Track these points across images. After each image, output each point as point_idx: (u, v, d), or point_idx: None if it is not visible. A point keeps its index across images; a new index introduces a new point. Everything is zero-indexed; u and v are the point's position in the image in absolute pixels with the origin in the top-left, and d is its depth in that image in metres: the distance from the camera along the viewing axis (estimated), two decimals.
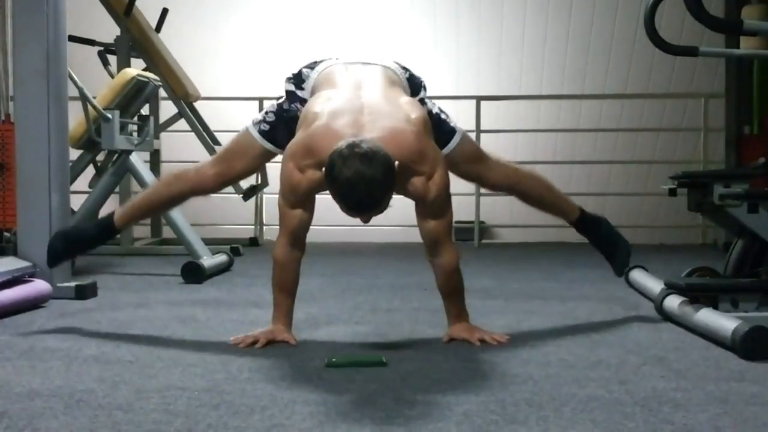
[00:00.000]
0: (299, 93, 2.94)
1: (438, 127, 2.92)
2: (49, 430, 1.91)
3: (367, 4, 8.85)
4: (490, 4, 8.77)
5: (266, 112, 3.00)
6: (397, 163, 2.53)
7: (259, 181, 6.19)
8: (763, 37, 4.29)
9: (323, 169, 2.55)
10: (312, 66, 2.99)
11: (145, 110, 5.94)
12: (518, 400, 2.15)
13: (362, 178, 2.43)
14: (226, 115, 7.63)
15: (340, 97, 2.77)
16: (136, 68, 5.78)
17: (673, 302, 3.22)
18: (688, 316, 3.06)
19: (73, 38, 5.22)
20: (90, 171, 5.53)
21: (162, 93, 6.33)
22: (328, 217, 3.54)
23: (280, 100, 3.01)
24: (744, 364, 2.56)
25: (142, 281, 4.61)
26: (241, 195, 5.99)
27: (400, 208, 3.07)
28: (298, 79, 2.97)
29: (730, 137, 6.94)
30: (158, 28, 6.45)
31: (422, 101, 2.96)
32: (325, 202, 2.84)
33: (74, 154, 5.10)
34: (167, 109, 6.51)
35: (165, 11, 6.51)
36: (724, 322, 2.78)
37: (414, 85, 2.98)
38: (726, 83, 7.13)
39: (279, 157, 3.02)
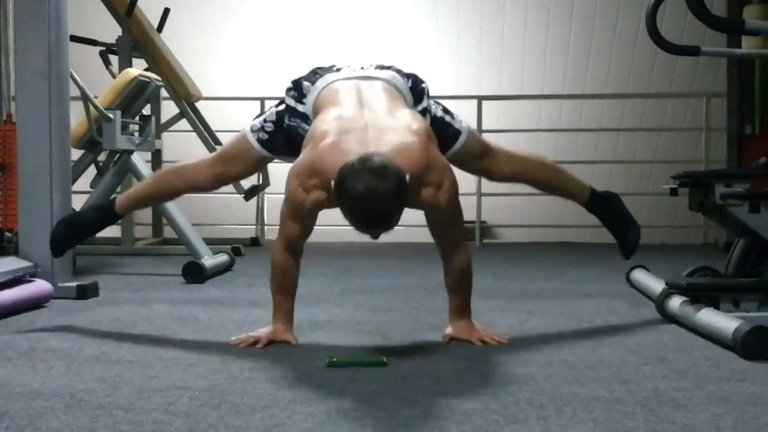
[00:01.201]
0: (300, 108, 2.90)
1: (443, 131, 2.92)
2: (50, 430, 1.91)
3: (369, 4, 8.85)
4: (492, 4, 8.77)
5: (265, 120, 2.97)
6: (408, 176, 2.51)
7: (261, 181, 6.20)
8: (764, 36, 4.27)
9: (331, 184, 2.53)
10: (312, 79, 2.92)
11: (146, 110, 5.95)
12: (519, 400, 2.15)
13: (374, 192, 2.40)
14: (227, 115, 7.64)
15: (345, 115, 2.72)
16: (138, 68, 5.79)
17: (674, 302, 3.22)
18: (689, 316, 3.06)
19: (74, 38, 5.23)
20: (91, 171, 5.54)
21: (163, 93, 6.34)
22: (330, 217, 3.53)
23: (279, 108, 2.97)
24: (745, 363, 2.56)
25: (143, 281, 4.61)
26: (243, 195, 5.99)
27: None
28: (298, 92, 2.91)
29: (731, 137, 6.94)
30: (160, 29, 6.46)
31: (425, 110, 2.93)
32: None
33: (76, 154, 5.10)
34: (169, 109, 6.52)
35: (166, 11, 6.51)
36: (725, 321, 2.78)
37: (417, 93, 2.94)
38: (727, 83, 7.13)
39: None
